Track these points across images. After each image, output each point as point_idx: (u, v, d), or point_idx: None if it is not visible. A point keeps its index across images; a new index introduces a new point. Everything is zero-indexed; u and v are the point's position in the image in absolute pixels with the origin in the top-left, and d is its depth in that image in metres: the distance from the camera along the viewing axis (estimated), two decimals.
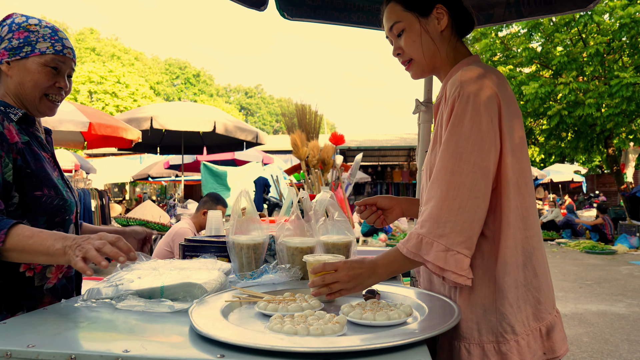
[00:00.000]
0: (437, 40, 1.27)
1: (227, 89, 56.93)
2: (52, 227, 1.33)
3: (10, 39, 1.37)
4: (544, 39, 13.39)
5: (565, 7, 2.14)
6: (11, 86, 1.39)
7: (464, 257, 1.06)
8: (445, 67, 1.29)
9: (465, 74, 1.13)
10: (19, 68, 1.37)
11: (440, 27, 1.26)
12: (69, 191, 1.44)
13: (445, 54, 1.28)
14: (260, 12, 2.27)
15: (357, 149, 19.20)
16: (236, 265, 1.54)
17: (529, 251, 1.15)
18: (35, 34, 1.38)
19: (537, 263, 1.16)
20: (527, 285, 1.14)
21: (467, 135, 1.08)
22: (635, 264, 8.64)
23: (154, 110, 7.30)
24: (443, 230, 1.06)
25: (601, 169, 20.77)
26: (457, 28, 1.30)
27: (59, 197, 1.35)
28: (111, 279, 1.30)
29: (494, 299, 1.12)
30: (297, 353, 0.82)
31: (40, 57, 1.37)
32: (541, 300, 1.16)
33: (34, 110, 1.41)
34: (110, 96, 27.83)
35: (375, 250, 2.08)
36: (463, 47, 1.31)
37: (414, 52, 1.28)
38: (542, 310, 1.16)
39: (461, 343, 1.14)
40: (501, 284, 1.12)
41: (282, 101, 50.95)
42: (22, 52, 1.36)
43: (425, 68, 1.30)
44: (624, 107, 11.44)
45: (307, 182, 2.23)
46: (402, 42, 1.29)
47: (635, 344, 4.30)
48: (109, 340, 0.94)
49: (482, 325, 1.12)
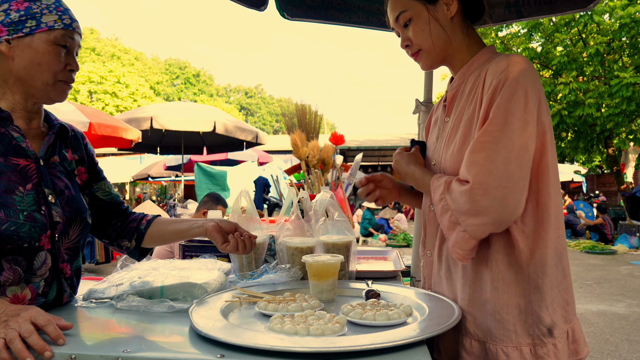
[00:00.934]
0: (447, 28, 1.20)
1: (227, 89, 56.92)
2: (4, 255, 1.07)
3: (7, 11, 1.11)
4: (544, 39, 13.38)
5: (565, 7, 2.14)
6: (14, 70, 1.14)
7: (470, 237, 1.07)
8: (458, 55, 1.23)
9: (514, 64, 1.07)
10: (22, 48, 1.12)
11: (450, 14, 1.19)
12: (42, 212, 1.13)
13: (458, 42, 1.22)
14: (260, 12, 2.27)
15: (357, 149, 19.19)
16: (236, 265, 1.54)
17: (560, 251, 1.13)
18: (38, 3, 1.13)
19: (565, 263, 1.14)
20: (559, 286, 1.12)
21: (516, 120, 1.04)
22: (635, 264, 8.64)
23: (154, 110, 7.30)
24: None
25: (601, 169, 20.75)
26: (468, 14, 1.23)
27: (10, 221, 1.06)
28: (111, 279, 1.30)
29: (530, 300, 1.09)
30: (297, 353, 0.82)
31: (49, 33, 1.13)
32: (569, 301, 1.14)
33: (42, 98, 1.18)
34: (110, 96, 27.83)
35: (376, 250, 2.08)
36: (475, 34, 1.25)
37: (423, 41, 1.21)
38: (569, 311, 1.14)
39: (498, 346, 1.09)
40: (539, 285, 1.09)
41: (282, 101, 50.93)
42: (25, 28, 1.11)
43: (436, 58, 1.24)
44: (624, 107, 11.43)
45: (307, 182, 2.23)
46: (409, 32, 1.22)
47: (635, 344, 4.30)
48: (109, 340, 0.94)
49: (518, 327, 1.09)
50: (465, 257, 1.09)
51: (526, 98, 1.05)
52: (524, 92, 1.05)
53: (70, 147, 1.32)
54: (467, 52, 1.23)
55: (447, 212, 1.09)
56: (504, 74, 1.07)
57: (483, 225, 1.04)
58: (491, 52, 1.21)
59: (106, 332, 1.02)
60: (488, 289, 1.11)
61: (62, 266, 1.20)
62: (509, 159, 1.02)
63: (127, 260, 1.44)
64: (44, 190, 1.15)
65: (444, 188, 1.11)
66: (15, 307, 0.95)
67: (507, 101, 1.04)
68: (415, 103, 2.09)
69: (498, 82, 1.07)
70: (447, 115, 1.26)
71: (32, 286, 1.13)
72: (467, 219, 1.05)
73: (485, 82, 1.11)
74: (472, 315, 1.13)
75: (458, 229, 1.07)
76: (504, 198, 1.01)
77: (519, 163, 1.03)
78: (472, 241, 1.06)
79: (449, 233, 1.10)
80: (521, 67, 1.07)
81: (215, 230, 1.31)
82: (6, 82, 1.16)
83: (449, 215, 1.09)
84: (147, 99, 29.29)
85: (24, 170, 1.13)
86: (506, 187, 1.01)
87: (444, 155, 1.20)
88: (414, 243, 2.08)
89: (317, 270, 1.22)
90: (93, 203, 1.37)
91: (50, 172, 1.20)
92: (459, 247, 1.08)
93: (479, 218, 1.03)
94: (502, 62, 1.10)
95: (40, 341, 0.86)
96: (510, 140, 1.02)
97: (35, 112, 1.23)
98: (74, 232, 1.22)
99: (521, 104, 1.04)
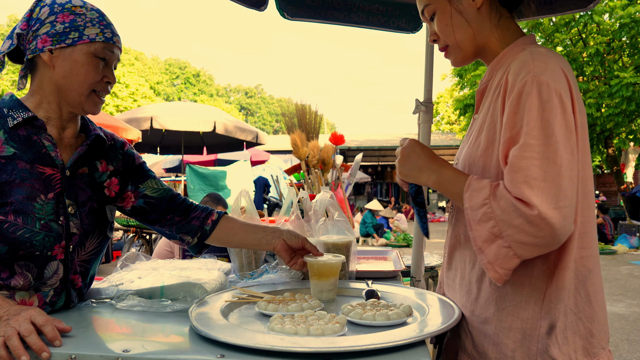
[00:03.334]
0: (473, 21, 1.10)
1: (227, 89, 56.92)
2: (17, 260, 1.09)
3: (54, 23, 1.15)
4: (544, 39, 13.38)
5: (565, 7, 2.13)
6: (54, 79, 1.17)
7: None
8: (490, 48, 1.13)
9: (538, 59, 0.97)
10: (64, 58, 1.15)
11: (476, 4, 1.09)
12: (60, 222, 1.14)
13: (486, 35, 1.12)
14: (260, 12, 2.27)
15: (357, 149, 19.20)
16: (236, 265, 1.54)
17: (584, 274, 1.00)
18: (82, 17, 1.16)
19: (591, 288, 1.01)
20: (578, 314, 0.99)
21: (557, 129, 0.92)
22: (635, 264, 8.64)
23: (154, 110, 7.30)
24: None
25: (601, 169, 20.74)
26: (501, 1, 1.12)
27: (26, 228, 1.08)
28: (111, 279, 1.30)
29: (539, 325, 0.98)
30: (297, 353, 0.82)
31: (89, 45, 1.17)
32: (594, 332, 1.00)
33: (76, 108, 1.20)
34: (110, 96, 27.83)
35: (376, 250, 2.08)
36: (512, 23, 1.14)
37: (448, 37, 1.13)
38: (594, 344, 1.00)
39: None
40: (551, 310, 0.97)
41: (282, 101, 50.93)
42: (68, 39, 1.14)
43: (465, 54, 1.14)
44: (624, 107, 11.44)
45: (307, 182, 2.23)
46: (435, 26, 1.15)
47: (635, 344, 4.30)
48: (109, 340, 0.94)
49: (518, 354, 0.98)
50: (503, 277, 0.94)
51: (562, 102, 0.93)
52: (558, 96, 0.93)
53: (106, 157, 1.31)
54: (499, 44, 1.12)
55: (489, 220, 0.93)
56: (529, 75, 0.95)
57: (534, 246, 0.91)
58: (524, 44, 1.08)
59: (106, 332, 1.02)
60: (492, 308, 1.02)
61: (74, 277, 1.19)
62: (560, 174, 0.90)
63: (127, 260, 1.44)
64: (65, 200, 1.16)
65: (490, 192, 0.94)
66: (18, 307, 0.96)
67: (541, 109, 0.92)
68: (415, 103, 2.09)
69: (523, 84, 0.95)
70: (476, 112, 1.18)
71: (40, 294, 1.13)
72: (515, 233, 0.90)
73: (507, 81, 0.99)
74: (471, 333, 1.06)
75: (500, 242, 0.92)
76: (562, 219, 0.89)
77: (570, 177, 0.91)
78: (516, 260, 0.92)
79: (486, 246, 0.94)
80: (547, 64, 0.96)
81: (284, 249, 1.34)
82: (45, 90, 1.19)
83: (492, 225, 0.93)
84: (147, 99, 29.31)
85: (48, 179, 1.14)
86: (564, 207, 0.89)
87: (466, 156, 1.12)
88: (414, 243, 2.08)
89: (318, 269, 1.22)
90: (145, 201, 1.35)
91: (74, 183, 1.20)
92: (500, 265, 0.93)
93: (532, 237, 0.89)
94: (525, 58, 0.98)
95: (38, 341, 0.87)
96: (556, 154, 0.90)
97: (70, 121, 1.24)
98: (90, 244, 1.21)
99: (558, 110, 0.93)
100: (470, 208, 0.97)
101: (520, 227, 0.89)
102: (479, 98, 1.16)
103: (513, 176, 0.92)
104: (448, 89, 27.29)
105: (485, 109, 1.09)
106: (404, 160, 1.10)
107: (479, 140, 1.07)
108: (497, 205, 0.92)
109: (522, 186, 0.90)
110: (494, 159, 1.02)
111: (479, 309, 1.05)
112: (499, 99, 1.01)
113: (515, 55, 1.05)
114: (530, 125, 0.92)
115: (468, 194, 0.98)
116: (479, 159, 1.05)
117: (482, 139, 1.06)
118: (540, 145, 0.91)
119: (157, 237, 6.28)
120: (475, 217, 0.96)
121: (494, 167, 1.02)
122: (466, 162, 1.11)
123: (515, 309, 1.00)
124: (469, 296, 1.08)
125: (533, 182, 0.89)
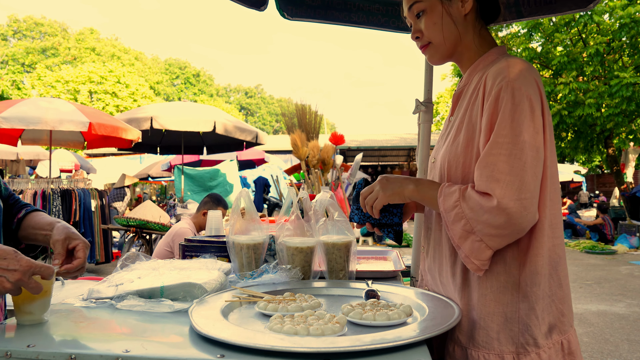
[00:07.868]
0: (459, 25, 1.20)
1: (227, 89, 56.91)
2: None
3: None
4: (544, 39, 13.38)
5: (565, 7, 2.14)
6: None
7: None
8: (467, 54, 1.23)
9: (513, 66, 1.08)
10: None
11: (464, 11, 1.19)
12: None
13: (468, 40, 1.22)
14: (260, 12, 2.27)
15: (357, 149, 19.19)
16: (236, 265, 1.54)
17: (555, 260, 1.11)
18: None
19: (562, 273, 1.13)
20: (552, 297, 1.11)
21: (525, 129, 1.04)
22: (635, 264, 8.64)
23: (154, 110, 7.31)
24: None
25: (601, 169, 20.75)
26: (482, 13, 1.23)
27: None
28: (111, 279, 1.30)
29: (518, 308, 1.08)
30: (297, 353, 0.82)
31: None
32: (564, 312, 1.12)
33: None
34: (110, 96, 27.86)
35: (376, 250, 2.08)
36: (488, 34, 1.25)
37: (434, 35, 1.21)
38: (564, 322, 1.12)
39: (479, 352, 1.09)
40: (528, 294, 1.08)
41: (282, 101, 50.91)
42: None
43: (445, 53, 1.24)
44: (624, 107, 11.44)
45: (307, 182, 2.23)
46: (421, 24, 1.22)
47: (635, 344, 4.30)
48: (109, 340, 0.94)
49: (502, 335, 1.08)
50: (480, 267, 1.07)
51: (531, 106, 1.04)
52: (528, 100, 1.04)
53: None
54: (476, 51, 1.22)
55: (461, 219, 1.06)
56: (504, 81, 1.06)
57: (501, 237, 1.03)
58: (498, 54, 1.20)
59: (106, 332, 1.02)
60: (475, 296, 1.12)
61: None
62: (525, 169, 1.02)
63: (127, 260, 1.43)
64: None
65: (459, 195, 1.07)
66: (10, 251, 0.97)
67: (512, 111, 1.04)
68: (415, 103, 2.09)
69: (499, 89, 1.06)
70: (451, 114, 1.26)
71: None
72: (484, 228, 1.03)
73: (485, 86, 1.11)
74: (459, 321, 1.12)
75: (472, 238, 1.05)
76: (523, 209, 1.01)
77: (534, 172, 1.03)
78: (488, 251, 1.05)
79: (461, 242, 1.07)
80: (520, 71, 1.07)
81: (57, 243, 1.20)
82: None
83: (463, 223, 1.06)
84: (147, 99, 29.32)
85: None
86: (525, 199, 1.01)
87: (446, 154, 1.20)
88: (414, 243, 2.08)
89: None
90: None
91: None
92: (475, 257, 1.06)
93: (498, 229, 1.02)
94: (501, 65, 1.10)
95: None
96: (522, 152, 1.02)
97: None
98: None
99: (527, 112, 1.04)
100: (445, 211, 1.10)
101: (487, 222, 1.02)
102: (455, 101, 1.26)
103: (481, 171, 1.06)
104: (448, 89, 27.31)
105: (463, 111, 1.19)
106: (384, 186, 1.20)
107: (457, 139, 1.17)
108: (467, 205, 1.05)
109: (488, 180, 1.03)
110: (474, 155, 1.13)
111: (465, 298, 1.14)
112: (478, 101, 1.12)
113: (489, 63, 1.18)
114: (501, 124, 1.04)
115: (442, 199, 1.11)
116: (459, 155, 1.15)
117: (461, 138, 1.16)
118: (508, 143, 1.03)
119: (157, 237, 6.28)
120: (449, 218, 1.09)
121: (473, 162, 1.13)
122: (445, 159, 1.19)
123: (496, 295, 1.09)
124: (454, 287, 1.16)
125: (499, 175, 1.02)
